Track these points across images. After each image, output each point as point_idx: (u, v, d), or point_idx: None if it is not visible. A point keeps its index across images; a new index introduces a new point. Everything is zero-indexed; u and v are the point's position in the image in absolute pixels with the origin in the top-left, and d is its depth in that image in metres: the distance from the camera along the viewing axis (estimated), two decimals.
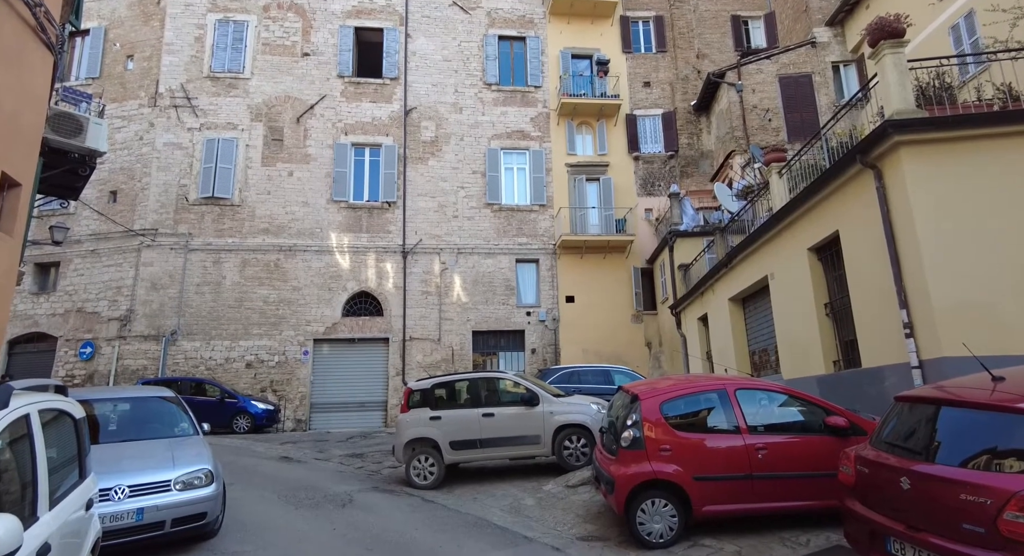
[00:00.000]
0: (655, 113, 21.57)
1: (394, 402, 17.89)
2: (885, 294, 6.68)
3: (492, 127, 20.63)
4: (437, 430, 8.49)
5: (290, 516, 6.54)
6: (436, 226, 19.59)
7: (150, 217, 18.28)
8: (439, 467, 8.39)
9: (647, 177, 20.90)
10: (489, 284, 19.36)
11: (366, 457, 11.34)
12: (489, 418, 8.45)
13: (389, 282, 18.96)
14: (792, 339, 9.36)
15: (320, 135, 19.80)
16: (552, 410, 8.43)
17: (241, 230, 18.66)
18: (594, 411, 8.47)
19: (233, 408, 15.48)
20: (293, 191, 19.19)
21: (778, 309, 9.90)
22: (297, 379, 17.70)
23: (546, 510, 6.86)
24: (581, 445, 8.29)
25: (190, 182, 18.81)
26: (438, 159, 20.14)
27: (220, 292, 18.08)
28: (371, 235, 19.23)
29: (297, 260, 18.64)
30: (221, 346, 17.70)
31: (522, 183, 20.49)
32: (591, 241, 19.28)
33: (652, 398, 5.58)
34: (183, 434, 6.00)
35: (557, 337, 19.14)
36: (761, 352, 11.40)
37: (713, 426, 5.50)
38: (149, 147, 18.85)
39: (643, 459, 5.35)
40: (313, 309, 18.31)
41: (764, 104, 18.73)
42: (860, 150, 6.77)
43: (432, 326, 18.78)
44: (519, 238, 19.87)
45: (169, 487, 4.84)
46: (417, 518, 6.59)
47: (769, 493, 5.25)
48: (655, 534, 5.23)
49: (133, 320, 17.42)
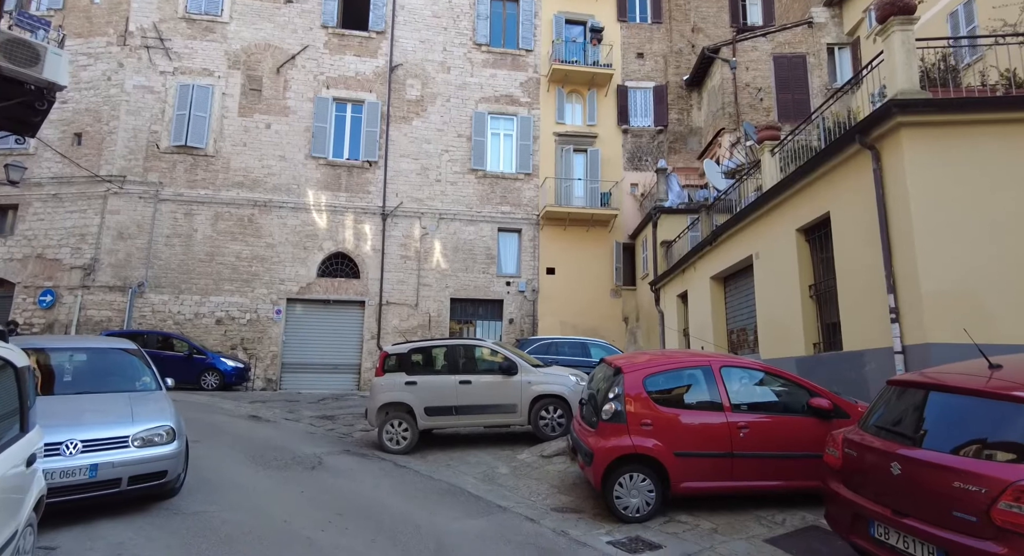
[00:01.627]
0: (647, 85, 21.17)
1: (368, 366, 17.71)
2: (873, 278, 6.63)
3: (480, 90, 20.03)
4: (412, 395, 8.33)
5: (257, 477, 6.35)
6: (418, 189, 19.11)
7: (118, 163, 17.43)
8: (412, 432, 8.26)
9: (635, 151, 20.62)
10: (470, 252, 19.07)
11: (337, 419, 11.17)
12: (466, 385, 8.31)
13: (367, 244, 18.53)
14: (773, 319, 9.35)
15: (300, 87, 18.99)
16: (530, 380, 8.32)
17: (215, 182, 17.95)
18: (572, 382, 8.39)
19: (202, 364, 15.12)
20: (270, 144, 18.46)
21: (761, 289, 9.87)
22: (269, 338, 17.34)
23: (520, 479, 6.79)
24: (558, 416, 8.22)
25: (162, 129, 17.94)
26: (423, 120, 19.53)
27: (191, 245, 17.46)
28: (350, 195, 18.69)
29: (272, 216, 18.05)
30: (191, 301, 17.19)
31: (508, 150, 20.04)
32: (575, 213, 19.05)
33: (636, 372, 5.47)
34: (145, 389, 5.70)
35: (536, 308, 19.04)
36: (739, 331, 11.43)
37: (696, 402, 5.42)
38: (118, 89, 17.85)
39: (623, 433, 5.25)
40: (287, 268, 17.84)
41: (757, 82, 18.48)
42: (860, 130, 6.62)
43: (410, 291, 18.50)
44: (503, 206, 19.53)
45: (127, 443, 4.58)
46: (389, 483, 6.46)
47: (749, 472, 5.22)
48: (631, 509, 5.18)
49: (98, 269, 16.76)
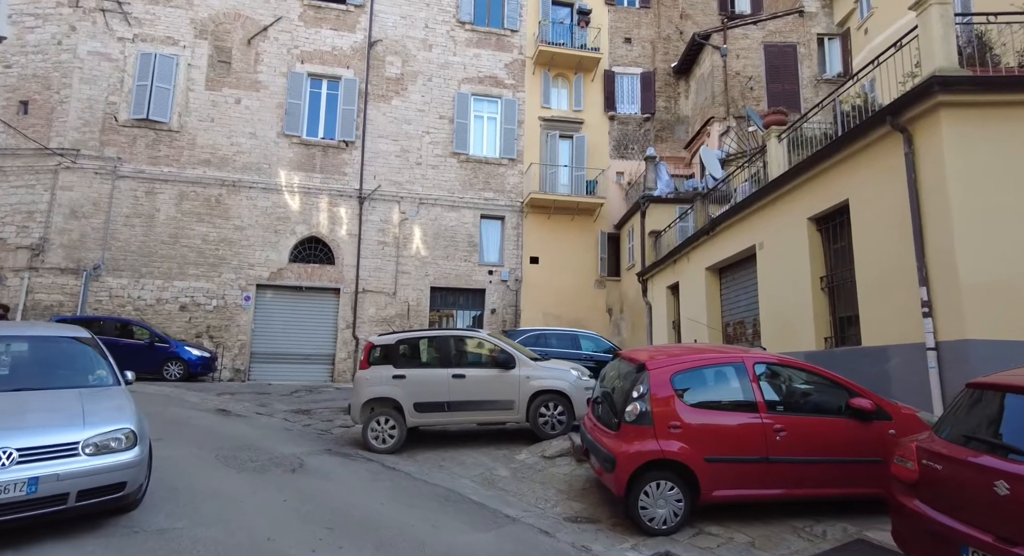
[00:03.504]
0: (634, 72, 20.68)
1: (343, 356, 16.93)
2: (900, 269, 6.25)
3: (463, 70, 19.23)
4: (400, 390, 7.68)
5: (232, 482, 5.64)
6: (397, 172, 18.27)
7: (70, 135, 16.11)
8: (400, 430, 7.62)
9: (621, 138, 20.15)
10: (451, 239, 18.36)
11: (314, 414, 10.43)
12: (459, 380, 7.70)
13: (343, 229, 17.64)
14: (778, 312, 8.99)
15: (273, 61, 17.89)
16: (528, 374, 7.75)
17: (179, 159, 16.78)
18: (573, 377, 7.86)
19: (164, 353, 14.11)
20: (240, 120, 17.35)
21: (765, 280, 9.50)
22: (237, 326, 16.36)
23: (523, 483, 6.24)
24: (558, 413, 7.68)
25: (120, 100, 16.65)
26: (403, 99, 18.65)
27: (153, 226, 16.31)
28: (325, 176, 17.75)
29: (241, 197, 17.00)
30: (152, 285, 16.08)
31: (492, 133, 19.33)
32: (561, 201, 18.50)
33: (663, 369, 4.95)
34: (100, 383, 4.91)
35: (519, 298, 18.48)
36: (736, 324, 11.09)
37: (728, 402, 4.94)
38: (69, 54, 16.47)
39: (649, 436, 4.73)
40: (257, 252, 16.85)
41: (747, 71, 18.16)
42: (891, 111, 6.19)
43: (388, 279, 17.71)
44: (485, 192, 18.84)
45: (76, 451, 3.83)
46: (380, 489, 5.83)
47: (785, 478, 4.76)
48: (658, 520, 4.68)
49: (48, 250, 15.49)
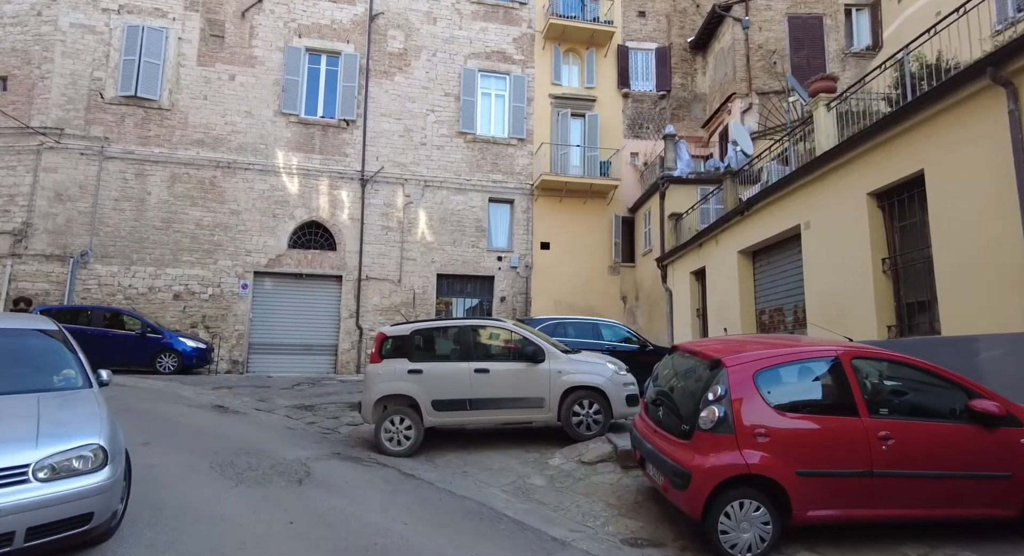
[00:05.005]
0: (649, 47, 19.68)
1: (346, 347, 16.13)
2: (996, 248, 5.43)
3: (469, 44, 18.23)
4: (417, 386, 6.87)
5: (228, 499, 4.83)
6: (401, 153, 17.33)
7: (53, 113, 15.13)
8: (417, 431, 6.83)
9: (636, 117, 19.21)
10: (458, 223, 17.48)
11: (318, 410, 9.63)
12: (483, 375, 6.89)
13: (344, 213, 16.75)
14: (828, 298, 8.17)
15: (269, 35, 16.87)
16: (560, 369, 6.94)
17: (171, 139, 15.82)
18: (610, 372, 7.06)
19: (157, 344, 13.28)
20: (234, 98, 16.37)
21: (811, 263, 8.67)
22: (234, 315, 15.52)
23: (564, 494, 5.45)
24: (594, 411, 6.89)
25: (106, 76, 15.65)
26: (406, 75, 17.67)
27: (144, 210, 15.39)
28: (325, 157, 16.81)
29: (237, 179, 16.07)
30: (144, 273, 15.20)
31: (500, 112, 18.38)
32: (573, 183, 17.60)
33: (743, 366, 4.13)
34: (66, 385, 4.08)
35: (529, 285, 17.65)
36: (773, 311, 10.28)
37: (822, 404, 4.13)
38: (51, 27, 15.43)
39: (731, 446, 3.93)
40: (255, 237, 15.96)
41: (770, 44, 17.19)
42: (993, 61, 5.33)
43: (392, 265, 16.85)
44: (494, 174, 17.93)
45: (25, 476, 3.02)
46: (401, 504, 5.03)
47: (893, 496, 3.97)
48: (741, 546, 3.88)
49: (31, 235, 14.58)
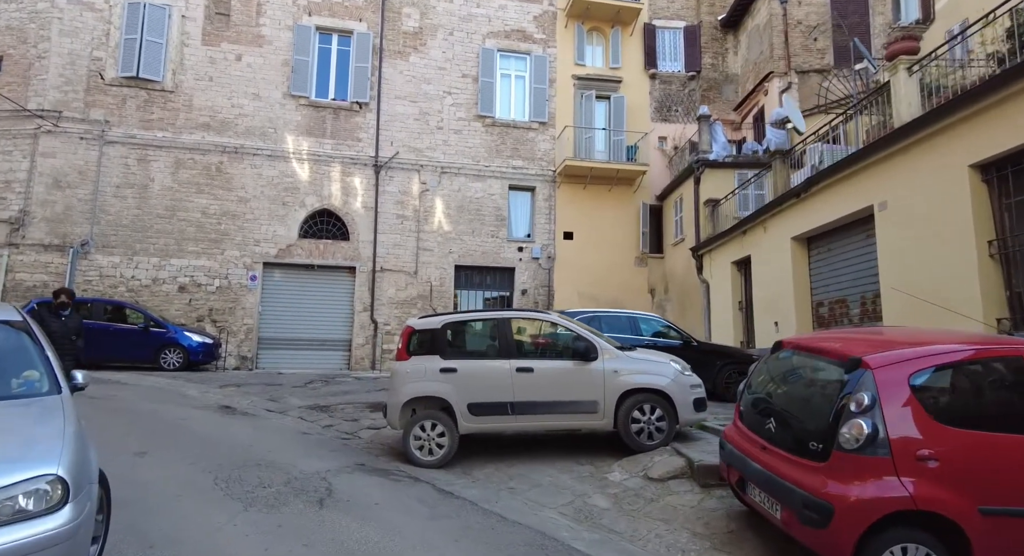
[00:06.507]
0: (677, 25, 18.63)
1: (360, 341, 15.28)
2: None
3: (488, 23, 17.26)
4: (451, 387, 5.98)
5: (235, 529, 3.95)
6: (416, 138, 16.42)
7: (51, 95, 14.31)
8: (451, 438, 5.94)
9: (663, 100, 18.18)
10: (477, 212, 16.56)
11: (334, 411, 8.77)
12: (526, 374, 5.98)
13: (357, 201, 15.87)
14: (915, 288, 7.18)
15: (277, 13, 15.98)
16: (616, 368, 6.01)
17: (175, 122, 14.98)
18: (675, 371, 6.13)
19: (161, 339, 12.50)
20: (241, 79, 15.50)
21: (889, 249, 7.69)
22: (242, 308, 14.69)
23: (637, 520, 4.54)
24: (656, 418, 5.96)
25: (106, 56, 14.81)
26: (421, 55, 16.73)
27: (147, 197, 14.57)
28: (337, 142, 15.93)
29: (245, 165, 15.22)
30: (147, 263, 14.39)
31: (520, 94, 17.42)
32: (598, 169, 16.62)
33: (893, 367, 3.20)
34: (27, 392, 3.18)
35: (551, 277, 16.73)
36: (834, 303, 9.30)
37: (1011, 418, 3.18)
38: (47, 3, 14.60)
39: (886, 472, 3.01)
40: (264, 226, 15.11)
41: (810, 20, 16.09)
42: None
43: (408, 256, 15.97)
44: (514, 160, 16.98)
45: None
46: (443, 532, 4.15)
47: None
48: None
49: (28, 224, 13.80)
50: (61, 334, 6.45)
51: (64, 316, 6.74)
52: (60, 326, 6.56)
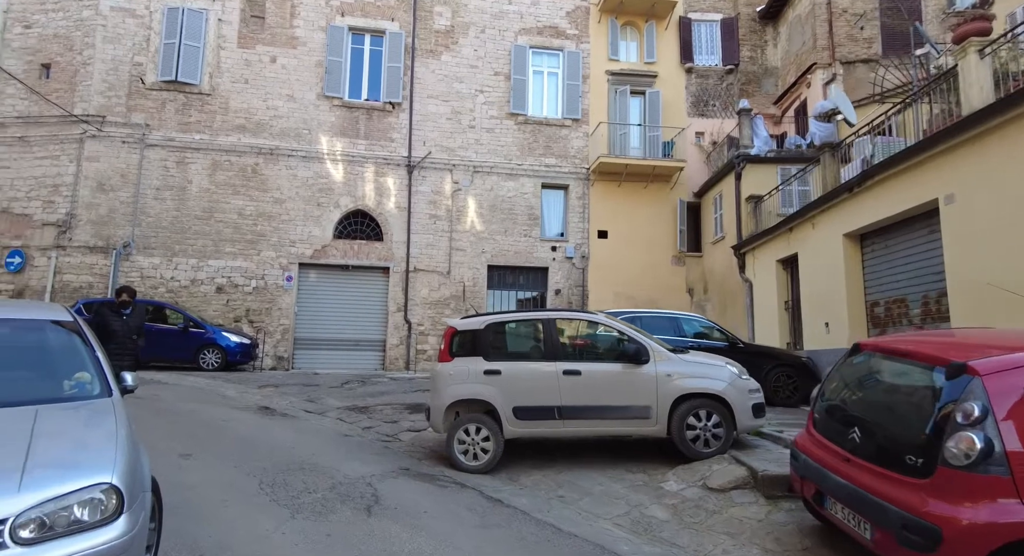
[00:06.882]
0: (713, 18, 18.13)
1: (394, 342, 15.23)
2: None
3: (520, 19, 17.06)
4: (495, 390, 5.79)
5: (284, 537, 3.81)
6: (448, 137, 16.31)
7: (95, 100, 14.63)
8: (496, 443, 5.74)
9: (700, 94, 17.71)
10: (509, 211, 16.38)
11: (373, 412, 8.67)
12: (573, 377, 5.75)
13: (391, 201, 15.84)
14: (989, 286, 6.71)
15: (310, 14, 16.06)
16: (669, 371, 5.73)
17: (212, 125, 15.17)
18: (732, 375, 5.82)
19: (200, 339, 12.63)
20: (276, 81, 15.62)
21: (958, 244, 7.22)
22: (279, 309, 14.79)
23: (700, 534, 4.27)
24: (713, 424, 5.66)
25: (147, 60, 15.09)
26: (453, 54, 16.62)
27: (185, 199, 14.79)
28: (370, 142, 15.93)
29: (280, 166, 15.33)
30: (186, 264, 14.60)
31: (553, 91, 17.17)
32: (633, 165, 16.25)
33: (1007, 374, 2.87)
34: (78, 394, 3.09)
35: (585, 277, 16.44)
36: (891, 303, 8.82)
37: None
38: (92, 11, 14.93)
39: (1004, 493, 2.69)
40: (299, 227, 15.19)
41: (856, 7, 15.45)
42: None
43: (440, 256, 15.87)
44: (547, 158, 16.74)
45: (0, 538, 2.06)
46: (498, 543, 3.95)
47: None
48: None
49: (75, 227, 14.12)
50: (123, 333, 6.34)
51: (125, 315, 6.59)
52: (121, 325, 6.44)
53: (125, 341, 6.27)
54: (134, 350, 6.54)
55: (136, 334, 6.61)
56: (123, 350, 6.24)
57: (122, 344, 6.25)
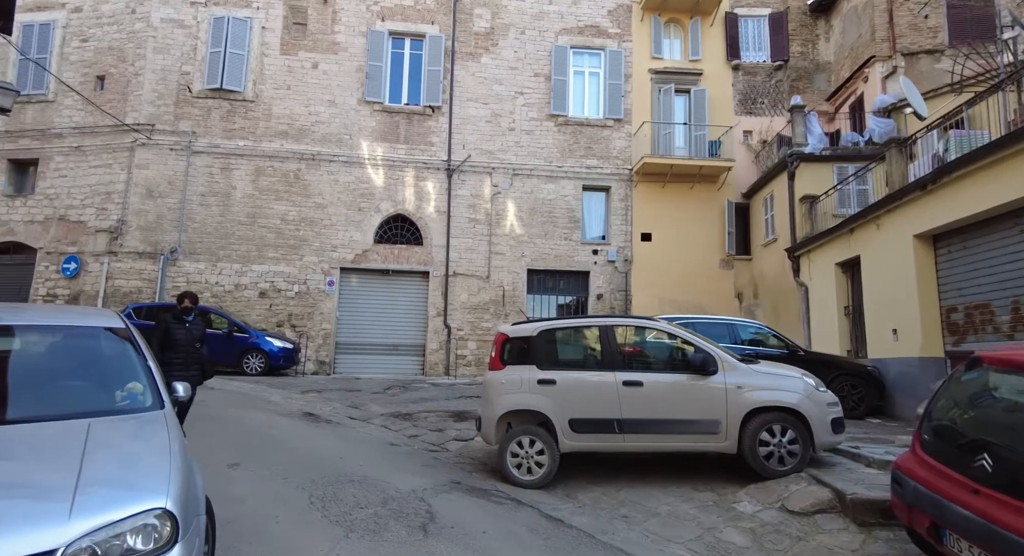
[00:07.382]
0: (761, 13, 17.49)
1: (434, 347, 15.08)
2: None
3: (560, 19, 16.78)
4: (550, 400, 5.49)
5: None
6: (488, 140, 16.12)
7: (145, 109, 14.98)
8: (551, 457, 5.44)
9: (747, 92, 17.09)
10: (549, 214, 16.07)
11: (417, 420, 8.48)
12: (634, 388, 5.41)
13: (430, 205, 15.72)
14: None
15: (351, 19, 16.12)
16: (740, 383, 5.33)
17: (255, 131, 15.35)
18: (808, 387, 5.39)
19: (244, 344, 12.69)
20: (318, 87, 15.72)
21: None
22: (320, 313, 14.82)
23: None
24: (788, 440, 5.23)
25: (194, 69, 15.38)
26: (493, 56, 16.45)
27: (229, 205, 14.98)
28: (410, 146, 15.86)
29: (321, 171, 15.39)
30: (230, 270, 14.77)
31: (594, 91, 16.81)
32: (678, 166, 15.75)
33: None
34: (131, 406, 2.93)
35: (628, 281, 15.99)
36: (973, 308, 8.16)
37: None
38: (143, 23, 15.31)
39: None
40: (340, 232, 15.22)
41: None
42: None
43: (480, 260, 15.66)
44: (588, 159, 16.39)
45: None
46: None
47: None
48: None
49: (125, 233, 14.45)
50: (186, 342, 5.82)
51: (188, 322, 5.96)
52: (184, 333, 5.85)
53: (189, 350, 5.81)
54: (199, 360, 6.00)
55: (199, 342, 6.04)
56: (189, 359, 5.77)
57: (187, 354, 5.77)
